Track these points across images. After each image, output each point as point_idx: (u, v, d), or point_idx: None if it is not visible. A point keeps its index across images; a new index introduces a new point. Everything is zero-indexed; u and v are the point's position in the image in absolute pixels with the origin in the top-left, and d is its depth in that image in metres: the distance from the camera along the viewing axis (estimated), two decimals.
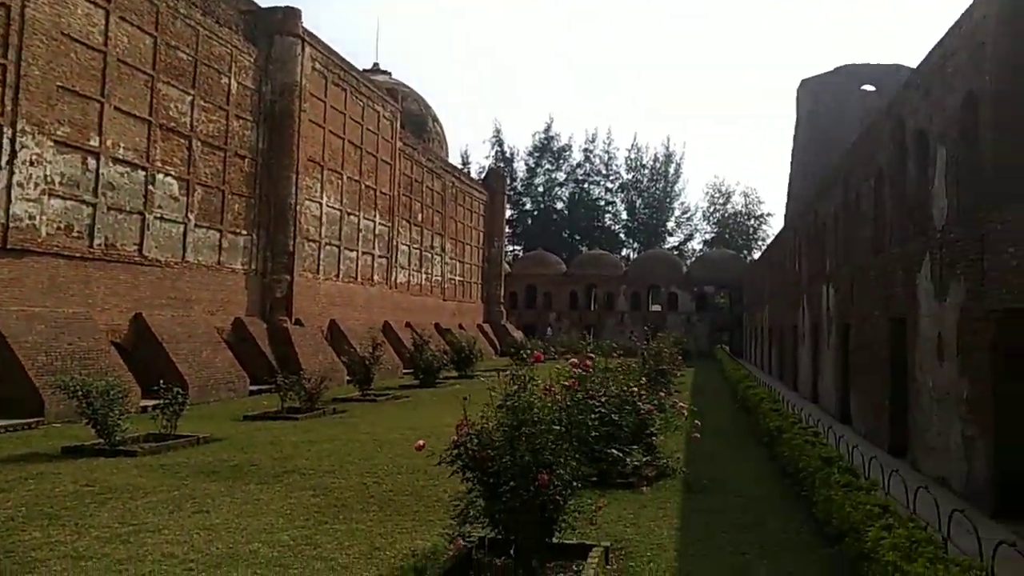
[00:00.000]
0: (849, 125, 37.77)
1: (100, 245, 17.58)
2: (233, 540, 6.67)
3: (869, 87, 42.86)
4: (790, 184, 47.65)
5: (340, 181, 28.96)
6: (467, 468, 5.58)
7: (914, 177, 11.25)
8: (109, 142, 17.74)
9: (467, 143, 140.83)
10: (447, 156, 48.41)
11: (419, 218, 37.84)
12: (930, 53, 10.48)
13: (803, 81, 47.11)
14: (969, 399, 8.59)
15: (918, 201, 11.00)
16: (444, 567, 5.59)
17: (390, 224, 33.54)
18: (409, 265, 36.45)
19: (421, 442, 5.89)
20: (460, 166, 55.58)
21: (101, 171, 17.55)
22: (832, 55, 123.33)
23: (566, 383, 6.57)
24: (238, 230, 23.18)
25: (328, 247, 28.03)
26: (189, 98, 20.68)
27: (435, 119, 48.69)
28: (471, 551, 5.97)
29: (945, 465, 9.38)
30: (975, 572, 4.36)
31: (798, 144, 47.01)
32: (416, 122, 43.60)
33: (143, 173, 18.99)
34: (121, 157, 18.22)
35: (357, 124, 30.37)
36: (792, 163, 47.76)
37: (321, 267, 27.46)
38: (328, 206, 28.02)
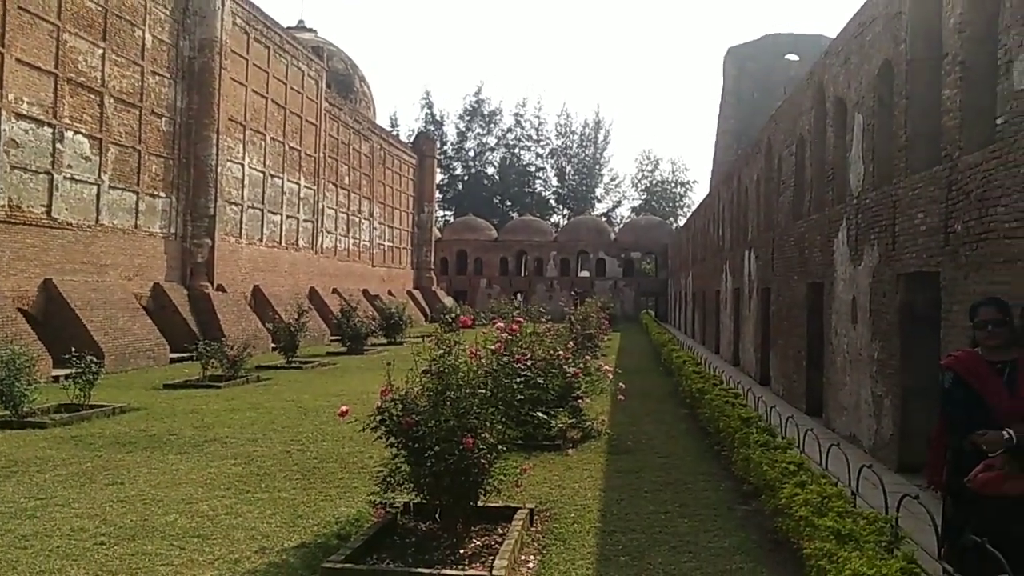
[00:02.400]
0: (773, 93, 38.54)
1: (3, 206, 16.67)
2: (149, 512, 6.47)
3: (793, 56, 43.76)
4: (715, 151, 48.51)
5: (263, 142, 28.13)
6: (391, 434, 5.53)
7: (833, 144, 11.53)
8: (11, 96, 16.75)
9: (396, 106, 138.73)
10: (375, 118, 47.48)
11: (346, 181, 37.11)
12: (849, 22, 10.69)
13: (730, 49, 47.80)
14: (879, 360, 8.93)
15: (837, 168, 11.29)
16: (368, 533, 5.54)
17: (316, 187, 32.81)
18: (336, 230, 35.80)
19: (344, 408, 5.81)
20: (389, 129, 54.55)
21: (3, 127, 16.58)
22: (759, 23, 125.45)
23: (492, 347, 6.55)
24: (156, 192, 22.32)
25: (251, 210, 27.29)
26: (100, 51, 19.66)
27: (362, 80, 47.63)
28: (395, 517, 5.95)
29: (856, 424, 9.78)
30: (880, 524, 4.54)
31: (724, 112, 47.80)
32: (342, 82, 42.57)
33: (50, 130, 18.03)
34: (25, 113, 17.25)
35: (281, 83, 29.47)
36: (718, 131, 48.59)
37: (244, 231, 26.73)
38: (251, 168, 27.21)
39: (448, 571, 4.93)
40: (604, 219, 69.31)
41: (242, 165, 26.48)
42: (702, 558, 5.52)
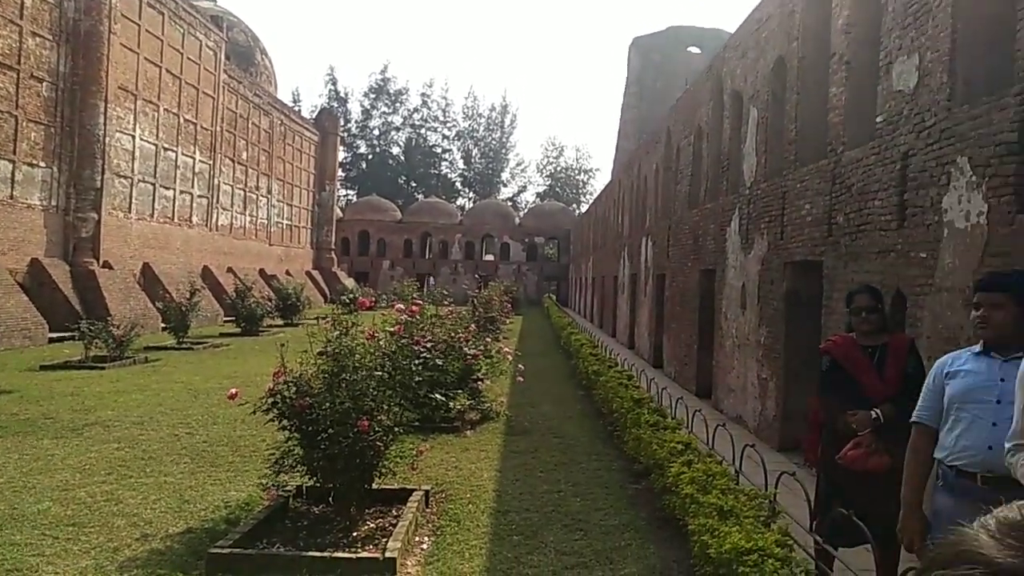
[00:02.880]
0: (676, 84, 39.50)
1: None
2: (19, 500, 6.10)
3: (695, 49, 44.93)
4: (618, 140, 49.39)
5: (156, 113, 26.83)
6: (284, 416, 5.41)
7: (729, 136, 11.92)
8: None
9: (298, 81, 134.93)
10: (276, 93, 46.02)
11: (244, 157, 35.86)
12: (747, 18, 11.05)
13: (634, 40, 48.63)
14: (765, 344, 9.34)
15: (732, 159, 11.68)
16: (258, 517, 5.41)
17: (212, 162, 31.57)
18: (232, 207, 34.57)
19: (234, 390, 5.63)
20: (291, 105, 52.97)
21: None
22: (664, 15, 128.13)
23: (391, 330, 6.49)
24: (35, 161, 20.96)
25: (142, 184, 26.02)
26: None
27: (264, 53, 46.05)
28: (287, 500, 5.84)
29: (743, 405, 10.21)
30: (759, 500, 4.76)
31: (627, 101, 48.68)
32: (243, 54, 41.04)
33: None
34: None
35: (176, 52, 28.14)
36: (621, 120, 49.46)
37: (134, 206, 25.48)
38: (142, 140, 25.92)
39: (340, 554, 4.88)
40: (509, 203, 69.62)
41: (133, 136, 25.19)
42: (593, 536, 5.65)
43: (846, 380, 4.21)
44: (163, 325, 21.09)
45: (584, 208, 64.20)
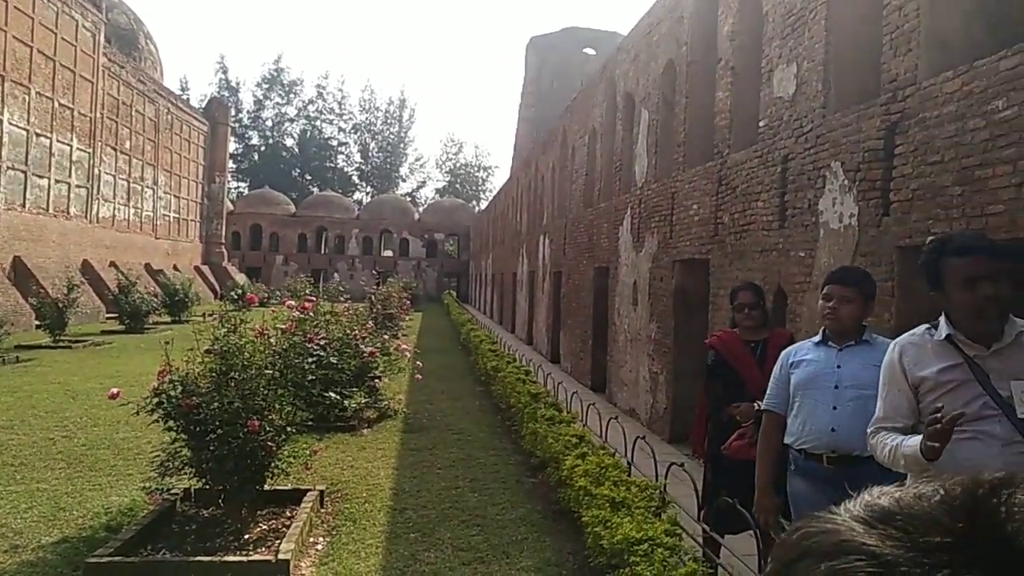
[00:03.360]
0: (572, 84, 40.12)
1: None
2: None
3: (590, 50, 45.75)
4: (516, 138, 49.79)
5: (27, 97, 25.17)
6: (169, 417, 5.21)
7: (621, 137, 12.22)
8: None
9: (186, 69, 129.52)
10: (163, 80, 44.00)
11: (127, 146, 34.12)
12: (640, 22, 11.35)
13: (532, 39, 49.08)
14: (656, 339, 9.65)
15: (624, 160, 11.98)
16: (141, 523, 5.19)
17: (91, 150, 29.90)
18: (115, 198, 32.84)
19: (116, 390, 5.39)
20: (179, 93, 50.73)
21: None
22: (562, 15, 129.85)
23: (282, 327, 6.35)
24: None
25: (11, 172, 24.38)
26: None
27: (148, 37, 43.91)
28: (174, 504, 5.63)
29: (635, 398, 10.51)
30: (650, 491, 4.93)
31: (525, 100, 49.12)
32: (125, 38, 39.00)
33: None
34: None
35: (49, 32, 26.47)
36: (519, 118, 49.87)
37: (2, 195, 23.85)
38: (11, 124, 24.28)
39: (231, 558, 4.75)
40: (408, 199, 69.00)
41: (0, 121, 23.57)
42: (490, 530, 5.71)
43: (730, 373, 4.41)
44: (37, 322, 19.84)
45: (484, 205, 64.43)
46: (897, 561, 0.47)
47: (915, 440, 2.40)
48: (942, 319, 2.56)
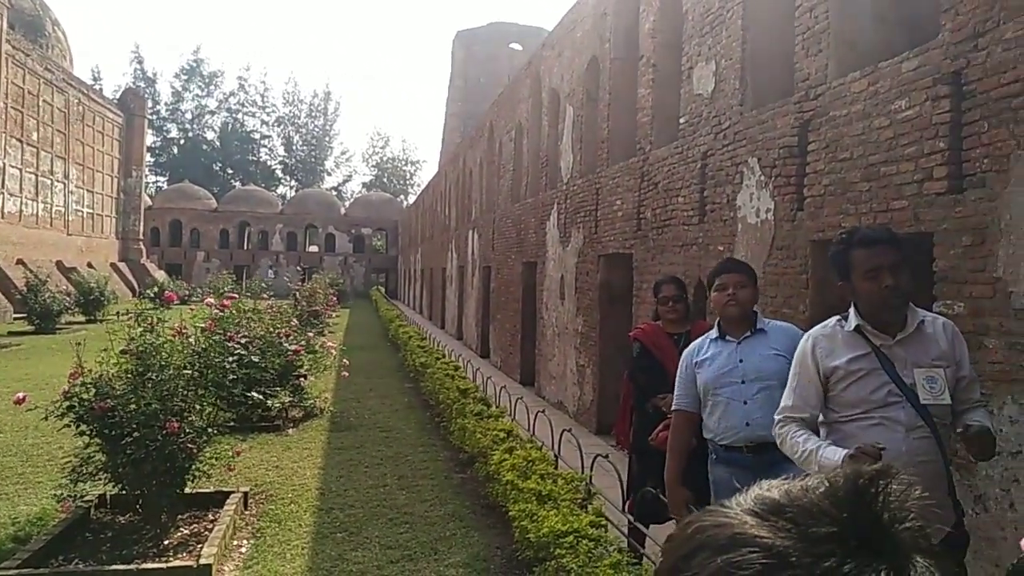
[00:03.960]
0: (499, 79, 40.16)
1: None
2: None
3: (517, 46, 45.86)
4: (444, 132, 49.59)
5: None
6: (82, 420, 5.01)
7: (547, 133, 12.31)
8: None
9: (98, 58, 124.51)
10: (72, 69, 42.15)
11: (35, 138, 32.56)
12: (564, 18, 11.44)
13: (458, 33, 48.94)
14: (582, 332, 9.77)
15: (550, 155, 12.07)
16: (53, 532, 4.99)
17: None
18: (21, 192, 31.30)
19: (22, 394, 5.16)
20: (90, 83, 48.68)
21: None
22: (488, 10, 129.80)
23: (202, 325, 6.18)
24: None
25: None
26: None
27: (56, 24, 42.00)
28: (88, 511, 5.43)
29: (563, 391, 10.62)
30: (576, 483, 4.99)
31: (452, 94, 48.96)
32: (30, 24, 37.21)
33: None
34: None
35: None
36: (446, 112, 49.67)
37: None
38: None
39: (149, 565, 4.61)
40: (334, 193, 67.91)
41: None
42: (418, 527, 5.69)
43: (655, 365, 4.49)
44: None
45: (412, 199, 63.97)
46: (788, 552, 0.49)
47: (835, 453, 2.48)
48: (851, 310, 2.67)
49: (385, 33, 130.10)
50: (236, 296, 8.74)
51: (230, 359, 6.13)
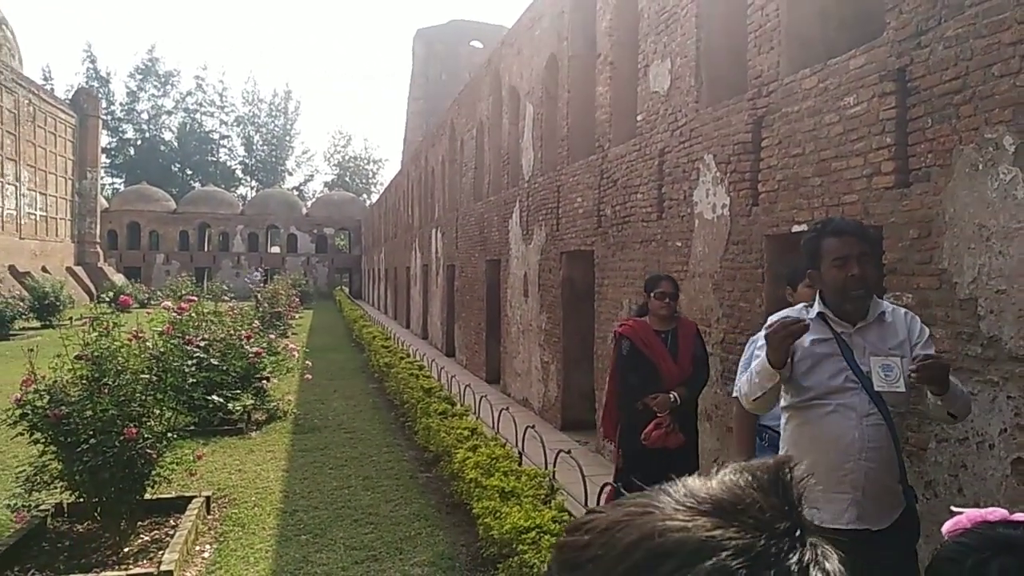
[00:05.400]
0: (460, 77, 40.08)
1: None
2: None
3: (477, 43, 45.81)
4: (406, 131, 49.37)
5: None
6: (36, 428, 4.93)
7: (508, 131, 12.33)
8: None
9: (49, 58, 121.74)
10: (21, 68, 41.14)
11: None
12: (523, 16, 11.46)
13: (419, 31, 48.75)
14: (546, 329, 9.81)
15: (511, 153, 12.10)
16: (7, 543, 4.89)
17: None
18: None
19: None
20: (41, 83, 47.53)
21: None
22: (448, 7, 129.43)
23: (159, 329, 6.10)
24: None
25: None
26: None
27: (3, 22, 40.95)
28: (44, 520, 5.34)
29: (528, 388, 10.66)
30: (539, 479, 5.03)
31: (413, 92, 48.76)
32: None
33: None
34: None
35: None
36: (408, 111, 49.45)
37: None
38: None
39: (108, 573, 4.55)
40: (296, 193, 67.15)
41: None
42: (383, 527, 5.68)
43: (645, 363, 4.51)
44: None
45: (375, 198, 63.54)
46: (761, 552, 0.50)
47: (762, 354, 2.67)
48: (817, 298, 2.76)
49: (345, 32, 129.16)
50: (195, 299, 8.62)
51: (189, 362, 6.06)
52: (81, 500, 5.20)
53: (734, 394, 3.71)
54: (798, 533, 0.52)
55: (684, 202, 6.30)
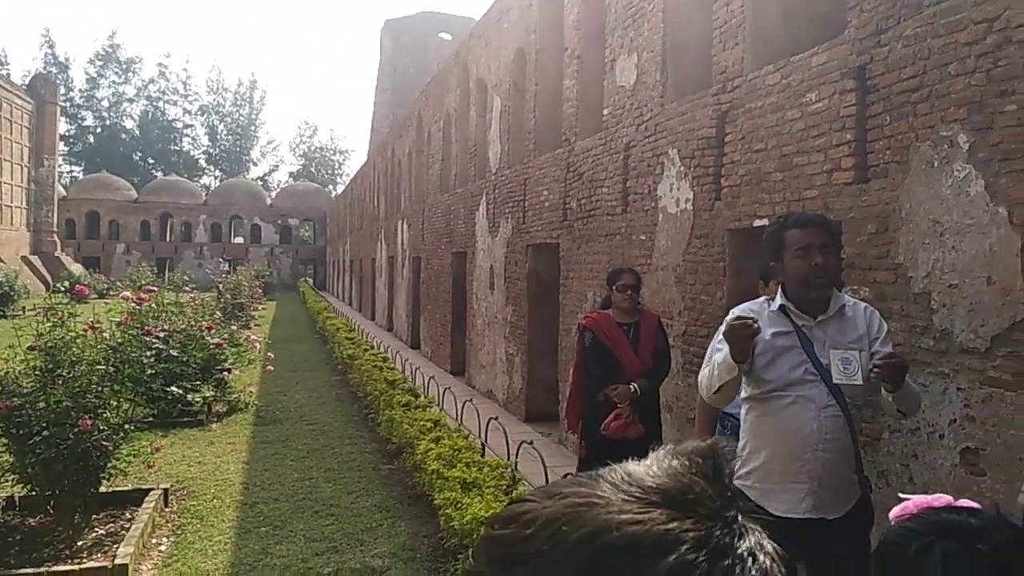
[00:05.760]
0: (428, 69, 39.84)
1: None
2: None
3: (446, 35, 45.58)
4: (373, 122, 49.01)
5: None
6: None
7: (475, 123, 12.29)
8: None
9: (4, 43, 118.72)
10: None
11: None
12: (491, 8, 11.42)
13: (387, 22, 48.35)
14: (511, 322, 9.82)
15: (478, 145, 12.06)
16: None
17: None
18: None
19: None
20: None
21: None
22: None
23: (117, 319, 5.99)
24: None
25: None
26: None
27: None
28: None
29: (493, 380, 10.67)
30: (501, 470, 5.04)
31: (381, 84, 48.40)
32: None
33: None
34: None
35: None
36: (375, 102, 49.08)
37: None
38: None
39: (61, 567, 4.47)
40: (260, 183, 66.25)
41: None
42: (344, 519, 5.65)
43: (608, 355, 4.55)
44: None
45: (340, 189, 62.94)
46: (716, 542, 0.49)
47: (723, 347, 2.70)
48: (779, 291, 2.79)
49: (313, 22, 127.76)
50: (155, 289, 8.48)
51: (148, 353, 5.97)
52: (34, 493, 5.10)
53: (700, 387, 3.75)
54: (740, 518, 0.52)
55: (648, 196, 6.34)
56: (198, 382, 8.86)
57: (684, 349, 5.73)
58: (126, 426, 5.24)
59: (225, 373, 9.64)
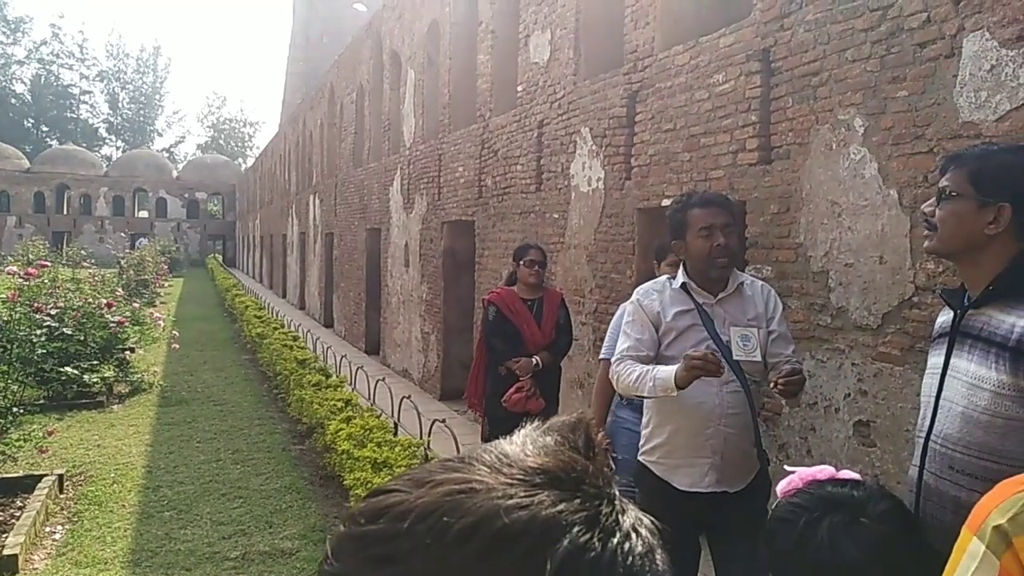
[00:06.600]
0: (342, 39, 38.86)
1: None
2: None
3: (361, 6, 44.51)
4: (285, 93, 47.62)
5: None
6: None
7: (389, 96, 12.07)
8: None
9: None
10: None
11: None
12: None
13: None
14: (427, 300, 9.75)
15: (392, 119, 11.86)
16: None
17: None
18: None
19: None
20: None
21: None
22: None
23: (3, 296, 5.65)
24: None
25: None
26: None
27: None
28: None
29: (408, 359, 10.59)
30: (414, 449, 5.01)
31: (293, 54, 47.01)
32: None
33: None
34: None
35: None
36: (287, 72, 47.67)
37: None
38: None
39: None
40: (166, 155, 63.59)
41: None
42: (253, 501, 5.52)
43: (511, 330, 4.59)
44: None
45: (250, 162, 60.98)
46: (604, 520, 0.47)
47: (668, 368, 2.60)
48: (680, 270, 2.83)
49: None
50: (48, 264, 8.03)
51: (38, 332, 5.66)
52: None
53: (603, 356, 3.78)
54: (617, 494, 0.51)
55: (562, 174, 6.36)
56: (97, 362, 8.47)
57: (595, 327, 5.81)
58: (15, 409, 4.98)
59: (127, 352, 9.26)
